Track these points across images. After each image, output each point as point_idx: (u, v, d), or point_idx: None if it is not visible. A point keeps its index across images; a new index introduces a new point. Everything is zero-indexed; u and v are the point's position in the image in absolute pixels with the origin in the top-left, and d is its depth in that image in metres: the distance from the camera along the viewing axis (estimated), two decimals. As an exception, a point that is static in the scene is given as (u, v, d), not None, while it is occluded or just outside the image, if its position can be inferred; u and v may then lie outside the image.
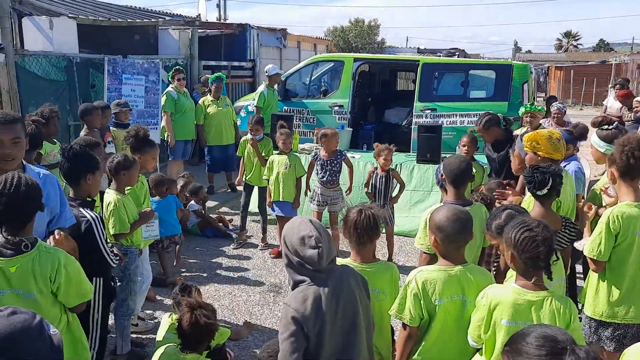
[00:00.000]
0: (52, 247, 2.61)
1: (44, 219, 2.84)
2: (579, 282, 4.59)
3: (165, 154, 8.80)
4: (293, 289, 2.34)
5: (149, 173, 5.34)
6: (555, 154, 3.63)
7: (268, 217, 6.73)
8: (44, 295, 2.51)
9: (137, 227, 4.08)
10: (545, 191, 3.18)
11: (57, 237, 2.72)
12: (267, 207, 6.47)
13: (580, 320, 3.00)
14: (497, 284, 2.53)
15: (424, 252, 3.39)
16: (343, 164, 6.21)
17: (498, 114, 5.76)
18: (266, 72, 9.18)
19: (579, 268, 4.63)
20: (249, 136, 6.57)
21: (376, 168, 6.08)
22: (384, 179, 5.99)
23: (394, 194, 6.12)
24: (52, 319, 2.46)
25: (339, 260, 2.68)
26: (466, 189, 3.56)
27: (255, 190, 6.77)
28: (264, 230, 6.71)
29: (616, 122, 4.40)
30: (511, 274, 2.68)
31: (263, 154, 6.49)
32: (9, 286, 2.43)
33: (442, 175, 3.72)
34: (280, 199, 6.11)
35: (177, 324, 2.88)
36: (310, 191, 6.34)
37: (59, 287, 2.52)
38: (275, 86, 9.25)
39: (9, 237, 2.44)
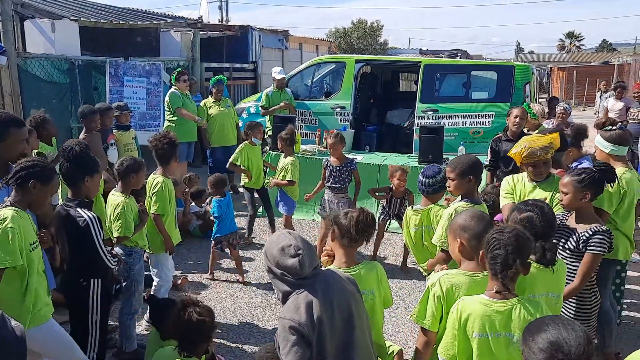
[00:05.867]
0: (12, 207, 2.80)
1: None
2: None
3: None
4: (284, 302, 2.34)
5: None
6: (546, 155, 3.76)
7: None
8: None
9: (140, 229, 4.10)
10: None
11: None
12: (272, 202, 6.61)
13: None
14: (468, 296, 2.44)
15: (442, 250, 3.49)
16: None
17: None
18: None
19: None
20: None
21: (391, 189, 5.88)
22: (398, 202, 5.84)
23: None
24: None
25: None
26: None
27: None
28: (272, 226, 6.77)
29: (619, 123, 4.40)
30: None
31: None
32: None
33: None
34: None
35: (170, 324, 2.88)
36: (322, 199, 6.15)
37: None
38: (288, 89, 9.30)
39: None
